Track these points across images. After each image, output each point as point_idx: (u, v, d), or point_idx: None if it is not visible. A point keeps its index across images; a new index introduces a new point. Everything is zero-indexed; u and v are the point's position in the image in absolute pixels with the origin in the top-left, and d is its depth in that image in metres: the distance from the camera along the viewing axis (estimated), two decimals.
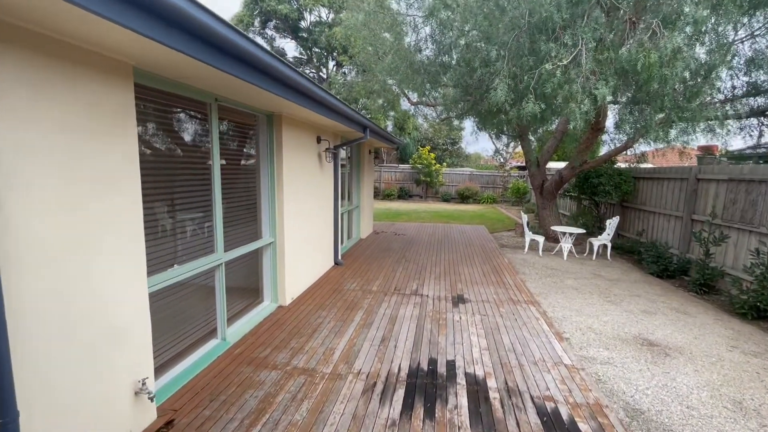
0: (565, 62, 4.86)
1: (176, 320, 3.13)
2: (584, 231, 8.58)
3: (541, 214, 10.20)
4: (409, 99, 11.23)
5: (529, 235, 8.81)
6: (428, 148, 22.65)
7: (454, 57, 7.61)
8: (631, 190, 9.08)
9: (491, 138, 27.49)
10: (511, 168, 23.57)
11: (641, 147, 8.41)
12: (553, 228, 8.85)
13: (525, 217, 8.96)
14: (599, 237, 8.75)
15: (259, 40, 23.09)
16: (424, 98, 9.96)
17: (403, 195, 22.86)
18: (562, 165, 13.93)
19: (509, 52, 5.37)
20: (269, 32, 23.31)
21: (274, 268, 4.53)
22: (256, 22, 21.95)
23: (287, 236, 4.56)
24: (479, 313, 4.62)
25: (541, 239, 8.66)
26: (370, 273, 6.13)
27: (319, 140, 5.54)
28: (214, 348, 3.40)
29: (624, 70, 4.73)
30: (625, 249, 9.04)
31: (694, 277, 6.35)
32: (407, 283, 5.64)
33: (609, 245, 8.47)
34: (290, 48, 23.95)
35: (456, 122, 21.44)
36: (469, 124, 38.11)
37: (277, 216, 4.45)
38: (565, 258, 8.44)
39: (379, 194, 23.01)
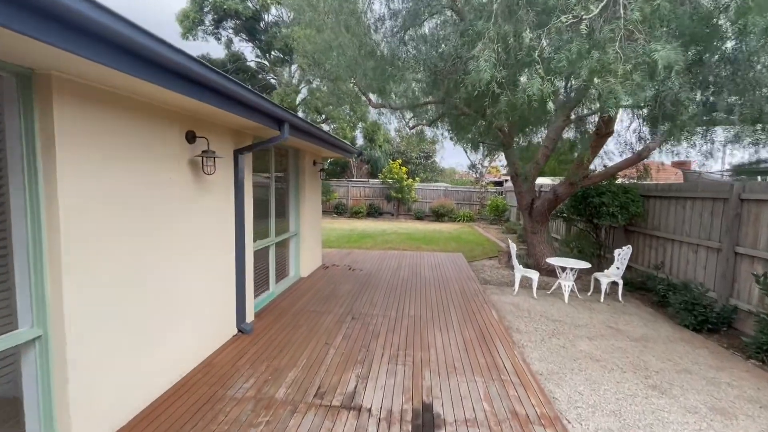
0: (592, 13, 2.94)
1: None
2: (590, 265, 6.69)
3: (530, 240, 8.31)
4: (369, 100, 9.22)
5: (519, 270, 6.82)
6: (399, 161, 20.78)
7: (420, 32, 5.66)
8: (640, 212, 7.34)
9: (466, 151, 26.08)
10: (488, 183, 22.07)
11: (657, 157, 6.72)
12: (549, 261, 6.91)
13: (513, 247, 6.99)
14: (607, 272, 6.89)
15: (211, 41, 20.77)
16: (384, 97, 7.96)
17: (373, 213, 20.76)
18: (547, 181, 12.44)
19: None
20: (224, 33, 21.05)
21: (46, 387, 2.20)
22: (207, 20, 19.66)
23: (72, 329, 2.26)
24: None
25: (535, 276, 6.69)
26: (289, 351, 3.86)
27: (191, 138, 3.31)
28: None
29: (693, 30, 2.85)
30: (635, 285, 7.23)
31: (756, 337, 4.50)
32: (342, 376, 3.40)
33: (620, 283, 6.61)
34: (250, 52, 21.68)
35: (429, 133, 19.75)
36: (444, 136, 36.96)
37: (48, 294, 2.17)
38: (566, 300, 6.50)
39: (346, 212, 20.81)
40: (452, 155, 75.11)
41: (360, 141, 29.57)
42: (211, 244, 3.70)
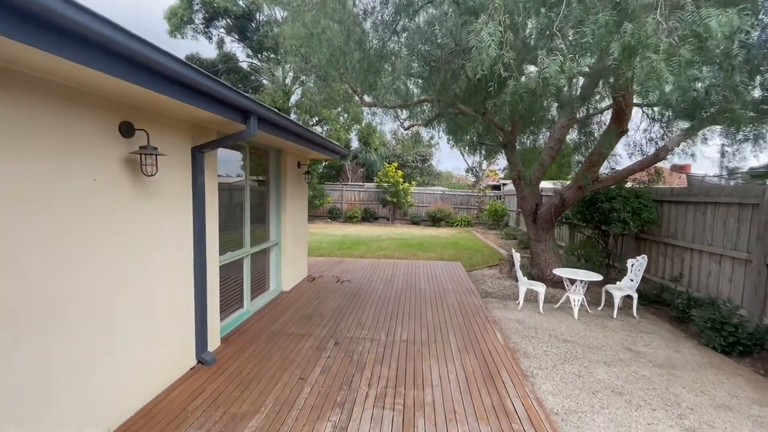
0: None
1: None
2: (601, 277, 6.07)
3: (533, 249, 7.69)
4: (361, 98, 8.61)
5: (524, 283, 6.20)
6: (395, 164, 20.19)
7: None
8: (654, 219, 6.76)
9: (463, 154, 25.57)
10: (485, 187, 21.52)
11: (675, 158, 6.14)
12: (556, 272, 6.29)
13: (517, 257, 6.37)
14: (619, 284, 6.28)
15: (202, 40, 20.16)
16: (375, 94, 7.35)
17: (368, 217, 20.12)
18: (547, 185, 11.82)
19: None
20: (215, 32, 20.44)
21: None
22: (198, 19, 19.05)
23: None
24: None
25: (541, 289, 6.06)
26: (254, 389, 3.19)
27: (127, 131, 2.66)
28: None
29: None
30: (649, 298, 6.63)
31: None
32: (315, 426, 2.74)
33: (635, 297, 6.00)
34: (241, 52, 21.06)
35: (425, 135, 19.25)
36: (440, 137, 36.40)
37: None
38: (575, 316, 5.88)
39: (340, 216, 20.16)
40: (449, 159, 74.67)
41: (355, 144, 29.01)
42: (157, 260, 3.05)
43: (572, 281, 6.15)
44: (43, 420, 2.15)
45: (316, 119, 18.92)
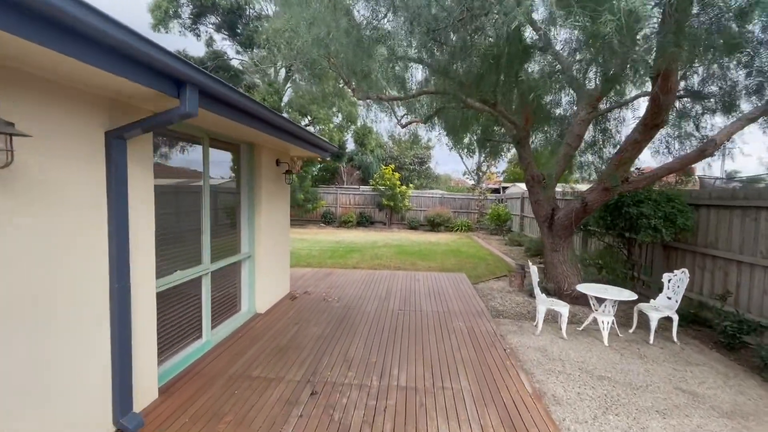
0: None
1: None
2: (635, 296, 5.13)
3: (549, 260, 6.75)
4: (352, 89, 7.67)
5: (543, 302, 5.24)
6: (392, 167, 19.27)
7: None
8: (690, 226, 5.84)
9: (462, 157, 24.62)
10: (486, 190, 20.65)
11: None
12: (581, 289, 5.34)
13: (534, 271, 5.42)
14: (654, 303, 5.35)
15: (189, 36, 19.24)
16: (367, 82, 6.41)
17: (364, 222, 19.16)
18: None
19: None
20: (203, 28, 19.51)
21: None
22: (185, 14, 18.11)
23: None
24: None
25: (564, 310, 5.11)
26: None
27: None
28: None
29: None
30: (686, 317, 5.70)
31: None
32: None
33: (675, 319, 5.07)
34: (230, 48, 20.14)
35: (424, 135, 18.40)
36: (440, 137, 35.55)
37: None
38: (605, 341, 4.94)
39: (334, 221, 19.20)
40: (447, 161, 73.75)
41: (351, 146, 28.09)
42: (41, 295, 2.07)
43: (600, 300, 5.21)
44: None
45: (309, 119, 17.98)
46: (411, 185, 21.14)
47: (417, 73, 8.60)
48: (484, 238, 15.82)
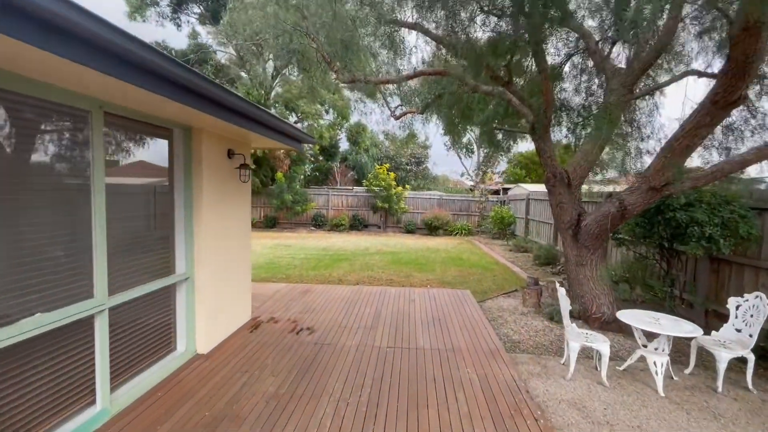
0: None
1: None
2: (700, 332, 3.89)
3: (573, 275, 5.53)
4: (335, 72, 6.43)
5: (576, 337, 3.99)
6: (387, 166, 18.04)
7: None
8: (756, 235, 4.64)
9: (460, 157, 23.39)
10: (487, 192, 19.46)
11: None
12: (624, 319, 4.08)
13: (562, 293, 4.16)
14: (718, 335, 4.14)
15: (168, 25, 17.95)
16: (352, 58, 5.18)
17: (357, 225, 17.90)
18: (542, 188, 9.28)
19: None
20: (184, 18, 18.22)
21: None
22: (164, 1, 16.82)
23: None
24: None
25: (605, 348, 3.87)
26: None
27: None
28: None
29: None
30: (755, 351, 4.47)
31: None
32: None
33: (751, 360, 3.86)
34: (212, 39, 18.85)
35: (420, 129, 17.21)
36: (438, 128, 34.40)
37: None
38: (660, 390, 3.71)
39: (326, 224, 17.93)
40: (444, 162, 72.37)
41: (345, 145, 26.86)
42: None
43: (650, 334, 3.99)
44: None
45: (297, 116, 16.73)
46: (407, 186, 19.92)
47: (412, 54, 7.40)
48: (487, 243, 14.60)
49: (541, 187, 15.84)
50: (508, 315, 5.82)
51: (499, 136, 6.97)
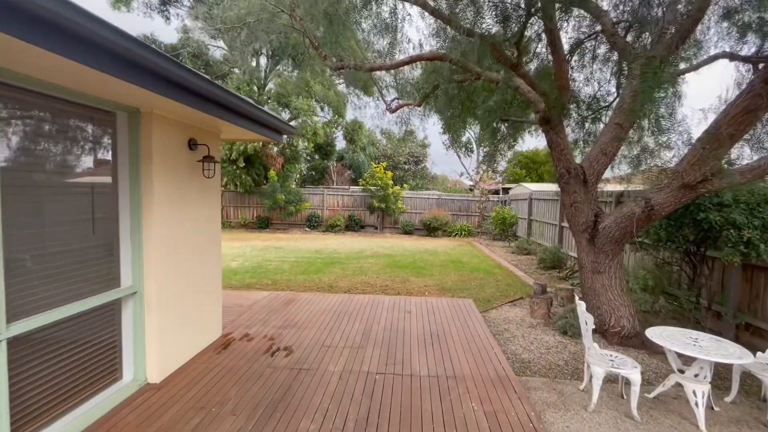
0: None
1: None
2: (751, 357, 3.26)
3: (588, 283, 4.91)
4: (324, 57, 5.79)
5: (601, 362, 3.36)
6: (384, 164, 17.40)
7: None
8: None
9: (459, 156, 22.71)
10: (488, 191, 18.85)
11: None
12: (656, 339, 3.45)
13: (583, 311, 3.53)
14: (765, 357, 3.52)
15: (157, 19, 17.27)
16: (332, 30, 4.54)
17: (353, 226, 17.27)
18: (544, 187, 8.68)
19: None
20: (173, 10, 17.55)
21: None
22: None
23: None
24: None
25: (635, 375, 3.25)
26: None
27: None
28: None
29: None
30: None
31: None
32: None
33: None
34: (200, 31, 18.20)
35: (419, 124, 16.59)
36: (438, 122, 33.67)
37: None
38: (702, 426, 3.10)
39: (321, 225, 17.29)
40: (444, 161, 71.60)
41: (341, 144, 26.23)
42: None
43: (686, 357, 3.37)
44: None
45: (290, 112, 16.07)
46: (405, 185, 19.30)
47: (409, 41, 6.78)
48: (487, 244, 13.99)
49: (543, 186, 15.18)
50: (515, 328, 5.20)
51: (503, 129, 6.33)
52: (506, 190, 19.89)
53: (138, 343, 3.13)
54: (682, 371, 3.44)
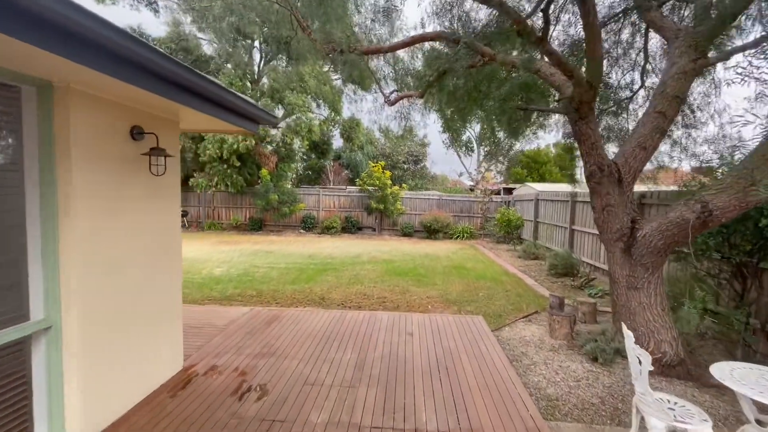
0: None
1: None
2: None
3: (622, 300, 4.16)
4: (313, 38, 5.03)
5: (661, 414, 2.60)
6: (382, 164, 16.65)
7: None
8: None
9: (460, 155, 21.94)
10: (491, 192, 18.13)
11: None
12: (723, 380, 2.70)
13: (632, 342, 2.77)
14: None
15: (143, 10, 16.48)
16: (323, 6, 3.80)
17: (350, 227, 16.52)
18: (546, 188, 8.06)
19: None
20: (163, 2, 16.73)
21: None
22: None
23: None
24: None
25: (707, 429, 2.49)
26: None
27: None
28: None
29: None
30: None
31: None
32: None
33: None
34: (190, 23, 17.44)
35: (419, 120, 15.84)
36: (441, 117, 32.85)
37: None
38: None
39: (316, 227, 16.53)
40: (444, 161, 70.62)
41: (339, 142, 25.46)
42: None
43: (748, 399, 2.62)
44: None
45: (284, 107, 15.29)
46: (404, 186, 18.55)
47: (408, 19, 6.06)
48: (492, 248, 13.25)
49: (550, 187, 14.39)
50: (533, 352, 4.45)
51: (518, 120, 5.58)
52: (507, 191, 19.15)
53: (54, 394, 2.36)
54: (760, 422, 2.70)
